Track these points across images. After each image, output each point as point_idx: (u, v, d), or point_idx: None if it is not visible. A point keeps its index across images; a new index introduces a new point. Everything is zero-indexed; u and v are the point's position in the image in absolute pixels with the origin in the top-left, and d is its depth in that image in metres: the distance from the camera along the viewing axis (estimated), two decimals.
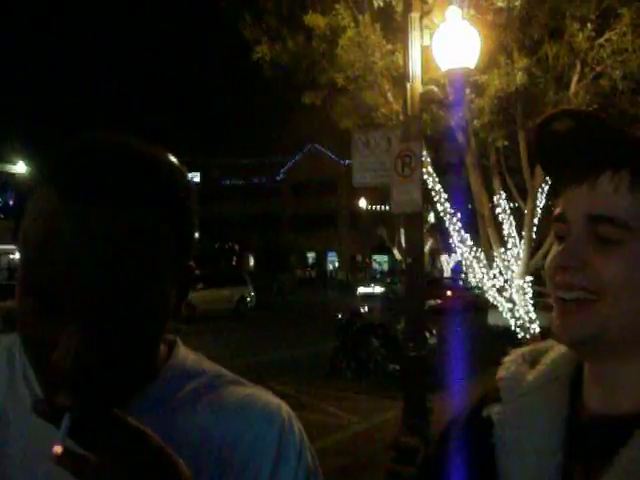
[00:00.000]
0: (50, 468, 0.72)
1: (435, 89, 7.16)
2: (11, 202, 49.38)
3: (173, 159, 0.86)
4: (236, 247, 60.08)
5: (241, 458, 0.89)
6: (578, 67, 8.38)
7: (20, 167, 47.81)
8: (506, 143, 9.01)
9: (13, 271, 42.39)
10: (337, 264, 66.40)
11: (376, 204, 45.33)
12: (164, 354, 0.94)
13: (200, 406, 0.91)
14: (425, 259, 11.41)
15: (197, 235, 0.92)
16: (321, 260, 68.04)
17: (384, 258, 64.50)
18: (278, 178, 69.68)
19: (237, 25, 10.02)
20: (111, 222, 0.76)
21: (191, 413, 0.90)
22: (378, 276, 56.59)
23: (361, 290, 41.88)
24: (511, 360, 1.06)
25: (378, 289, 40.04)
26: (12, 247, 39.94)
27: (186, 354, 0.97)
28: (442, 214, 9.35)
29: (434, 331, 12.71)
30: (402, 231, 39.71)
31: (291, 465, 0.91)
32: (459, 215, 9.41)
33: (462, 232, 9.41)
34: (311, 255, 69.06)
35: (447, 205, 9.30)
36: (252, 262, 64.62)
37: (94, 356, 0.75)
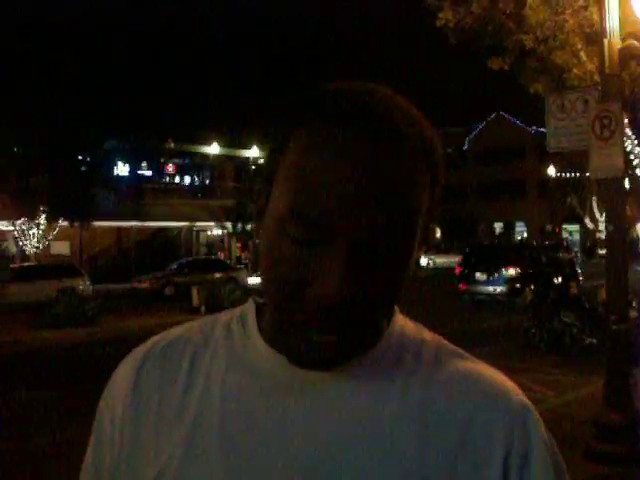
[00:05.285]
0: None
1: (636, 43, 6.68)
2: (207, 182, 52.10)
3: None
4: None
5: (467, 440, 0.80)
6: None
7: (214, 148, 50.32)
8: None
9: (210, 247, 44.80)
10: (525, 234, 64.62)
11: (565, 171, 43.43)
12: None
13: (419, 379, 0.83)
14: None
15: None
16: (509, 230, 66.48)
17: (575, 227, 62.06)
18: (463, 147, 68.67)
19: None
20: (391, 159, 0.75)
21: (409, 385, 0.82)
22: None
23: None
24: None
25: None
26: (210, 224, 42.21)
27: (405, 322, 0.90)
28: None
29: (634, 303, 12.03)
30: (594, 199, 37.90)
31: (540, 458, 0.83)
32: None
33: None
34: (498, 225, 67.62)
35: None
36: (438, 233, 64.35)
37: (353, 288, 0.74)
